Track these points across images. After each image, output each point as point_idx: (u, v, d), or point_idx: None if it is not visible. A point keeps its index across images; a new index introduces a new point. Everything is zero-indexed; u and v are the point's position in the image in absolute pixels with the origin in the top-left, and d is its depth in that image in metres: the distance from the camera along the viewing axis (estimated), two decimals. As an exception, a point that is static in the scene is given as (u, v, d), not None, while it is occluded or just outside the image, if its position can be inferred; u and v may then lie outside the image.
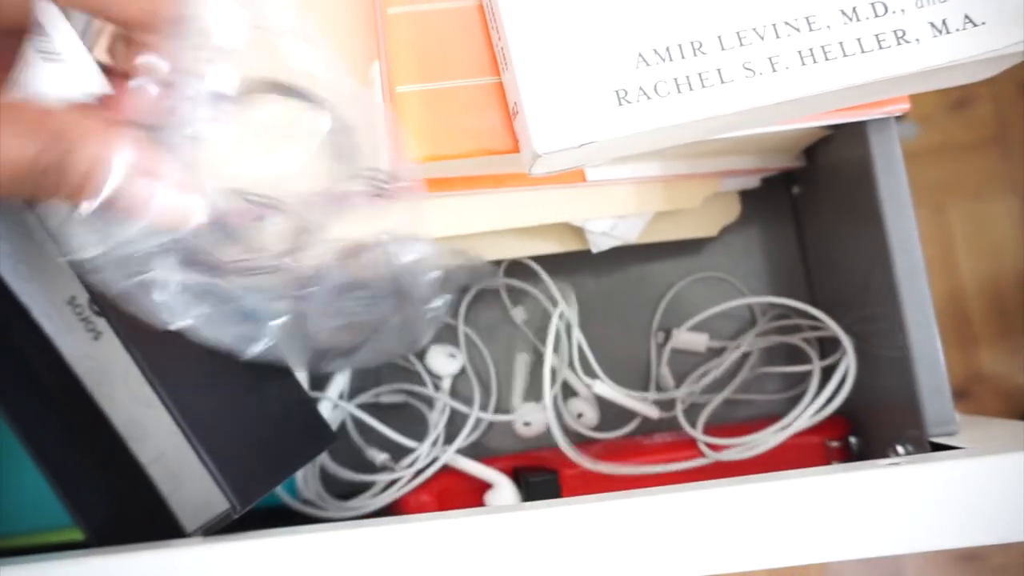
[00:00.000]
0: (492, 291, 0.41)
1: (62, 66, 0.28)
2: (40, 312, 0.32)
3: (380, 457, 0.37)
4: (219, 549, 0.25)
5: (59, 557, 0.25)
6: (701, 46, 0.26)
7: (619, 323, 0.40)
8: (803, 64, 0.26)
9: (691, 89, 0.26)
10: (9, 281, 0.31)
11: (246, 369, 0.30)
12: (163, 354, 0.26)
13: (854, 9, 0.26)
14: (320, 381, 0.40)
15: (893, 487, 0.24)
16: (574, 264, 0.40)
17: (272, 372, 0.31)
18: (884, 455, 0.32)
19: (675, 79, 0.26)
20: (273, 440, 0.29)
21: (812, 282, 0.40)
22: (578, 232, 0.37)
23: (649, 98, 0.26)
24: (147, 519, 0.31)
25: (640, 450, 0.36)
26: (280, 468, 0.29)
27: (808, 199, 0.39)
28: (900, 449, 0.31)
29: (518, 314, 0.41)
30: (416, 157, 0.27)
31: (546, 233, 0.37)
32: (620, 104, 0.25)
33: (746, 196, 0.40)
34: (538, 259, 0.38)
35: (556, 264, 0.39)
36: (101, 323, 0.31)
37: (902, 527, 0.24)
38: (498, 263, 0.40)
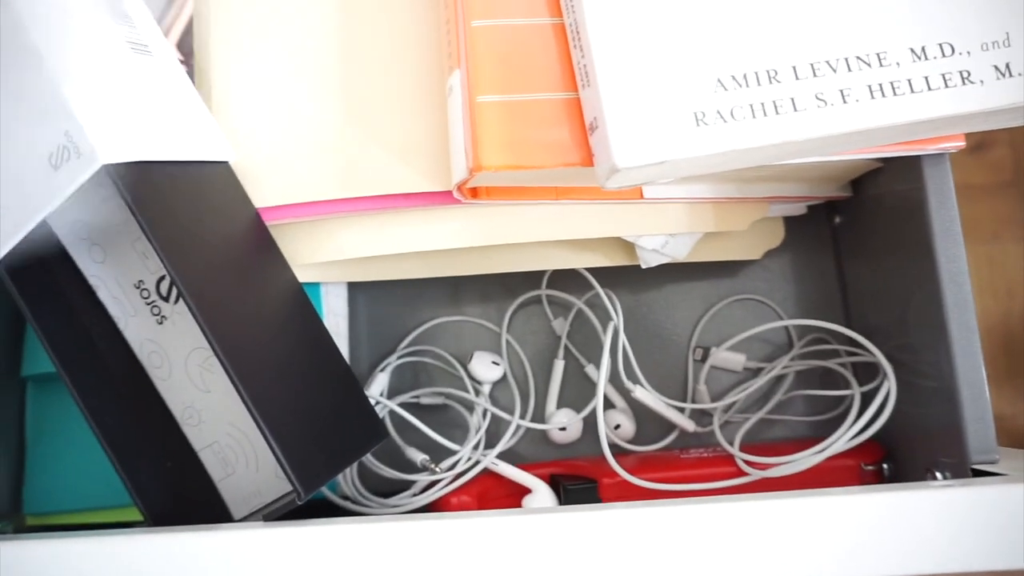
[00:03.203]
0: (535, 301, 0.42)
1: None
2: (107, 294, 0.32)
3: (420, 457, 0.38)
4: (282, 533, 0.26)
5: (136, 533, 0.25)
6: (776, 75, 0.27)
7: (657, 338, 0.41)
8: (872, 98, 0.27)
9: (765, 115, 0.27)
10: (82, 263, 0.32)
11: (310, 361, 0.31)
12: (237, 341, 0.27)
13: (923, 49, 0.27)
14: (360, 380, 0.41)
15: (943, 506, 0.24)
16: (616, 278, 0.41)
17: (332, 366, 0.32)
18: (920, 480, 0.33)
19: (751, 104, 0.27)
20: (332, 432, 0.29)
21: (849, 310, 0.41)
22: (625, 247, 0.38)
23: (725, 121, 0.27)
24: (197, 504, 0.32)
25: (677, 464, 0.37)
26: (339, 459, 0.29)
27: (850, 228, 0.40)
28: (939, 475, 0.31)
29: (559, 325, 0.41)
30: (492, 165, 0.28)
31: (595, 246, 0.38)
32: (697, 125, 0.26)
33: (787, 222, 0.41)
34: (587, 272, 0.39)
35: (599, 277, 0.40)
36: (167, 307, 0.32)
37: (949, 547, 0.24)
38: (542, 273, 0.41)
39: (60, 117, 0.26)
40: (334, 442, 0.29)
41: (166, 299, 0.32)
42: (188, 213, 0.28)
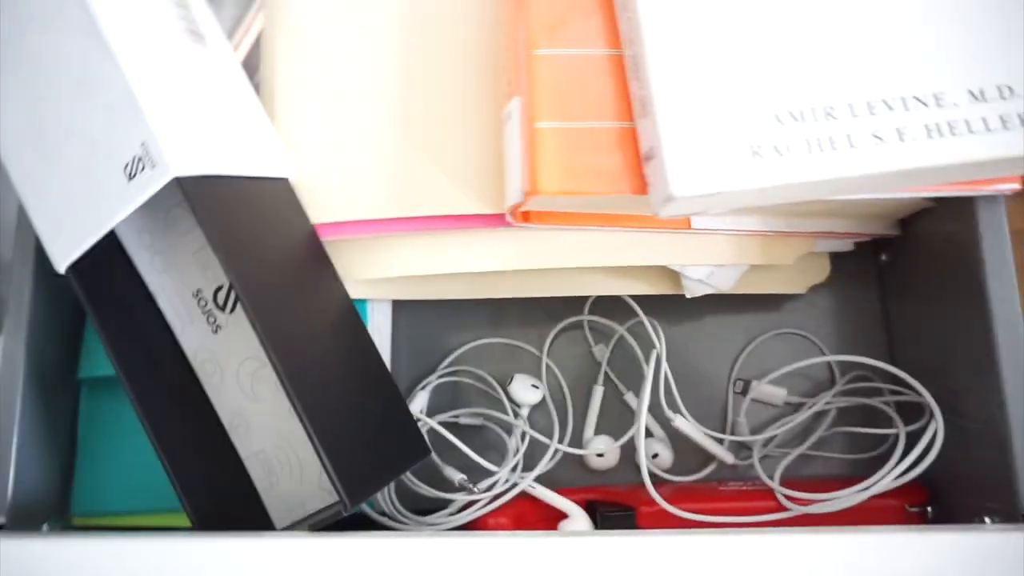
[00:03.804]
0: (575, 326, 0.42)
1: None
2: (166, 302, 0.33)
3: (458, 477, 0.38)
4: (328, 544, 0.26)
5: (185, 536, 0.26)
6: (832, 111, 0.27)
7: (697, 369, 0.41)
8: (929, 137, 0.27)
9: (821, 150, 0.27)
10: (143, 271, 0.33)
11: (358, 375, 0.31)
12: (292, 351, 0.28)
13: (982, 91, 0.27)
14: (400, 397, 0.41)
15: (996, 550, 0.24)
16: (658, 306, 0.41)
17: (379, 381, 0.32)
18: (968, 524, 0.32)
19: (806, 140, 0.27)
20: (378, 445, 0.30)
21: (893, 348, 0.40)
22: (669, 275, 0.38)
23: (781, 155, 0.27)
24: (241, 511, 0.32)
25: (716, 495, 0.37)
26: (383, 473, 0.30)
27: (897, 267, 0.39)
28: (987, 520, 0.31)
29: (599, 351, 0.42)
30: (549, 190, 0.29)
31: (639, 274, 0.38)
32: (753, 158, 0.27)
33: (833, 258, 0.41)
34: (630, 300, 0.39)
35: (640, 305, 0.40)
36: (223, 317, 0.33)
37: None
38: (581, 298, 0.42)
39: (137, 128, 0.27)
40: (379, 456, 0.30)
41: (222, 308, 0.33)
42: (250, 226, 0.29)
